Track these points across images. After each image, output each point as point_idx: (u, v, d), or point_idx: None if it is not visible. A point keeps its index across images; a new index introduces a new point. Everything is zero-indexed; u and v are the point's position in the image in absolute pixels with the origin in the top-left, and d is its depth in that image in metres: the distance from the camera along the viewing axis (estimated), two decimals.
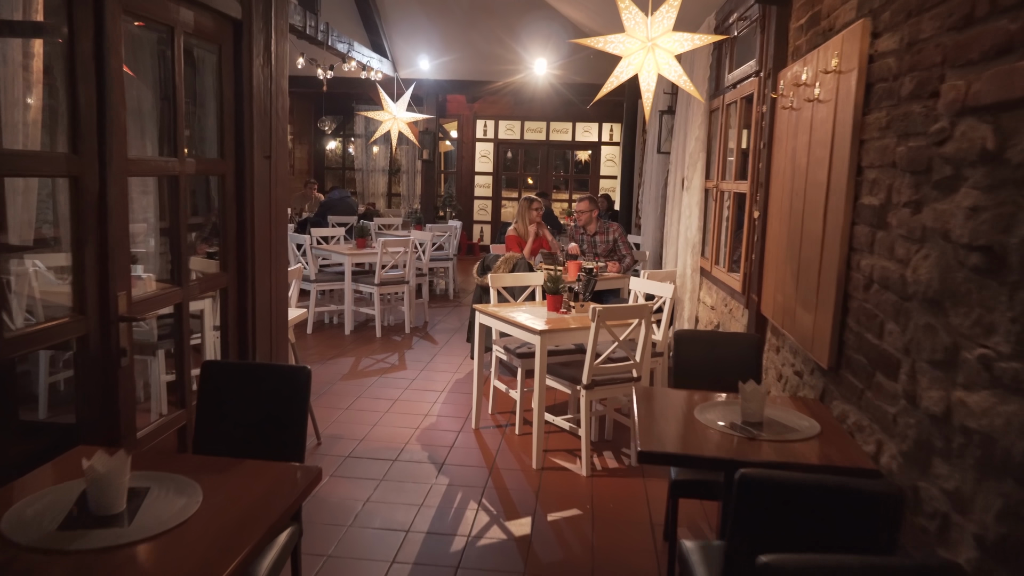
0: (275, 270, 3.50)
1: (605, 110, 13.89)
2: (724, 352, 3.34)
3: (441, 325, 7.97)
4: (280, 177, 3.51)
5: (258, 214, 3.28)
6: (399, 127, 9.93)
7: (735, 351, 3.33)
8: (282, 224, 3.58)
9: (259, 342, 3.31)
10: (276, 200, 3.48)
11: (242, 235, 3.20)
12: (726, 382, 3.20)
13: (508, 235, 6.77)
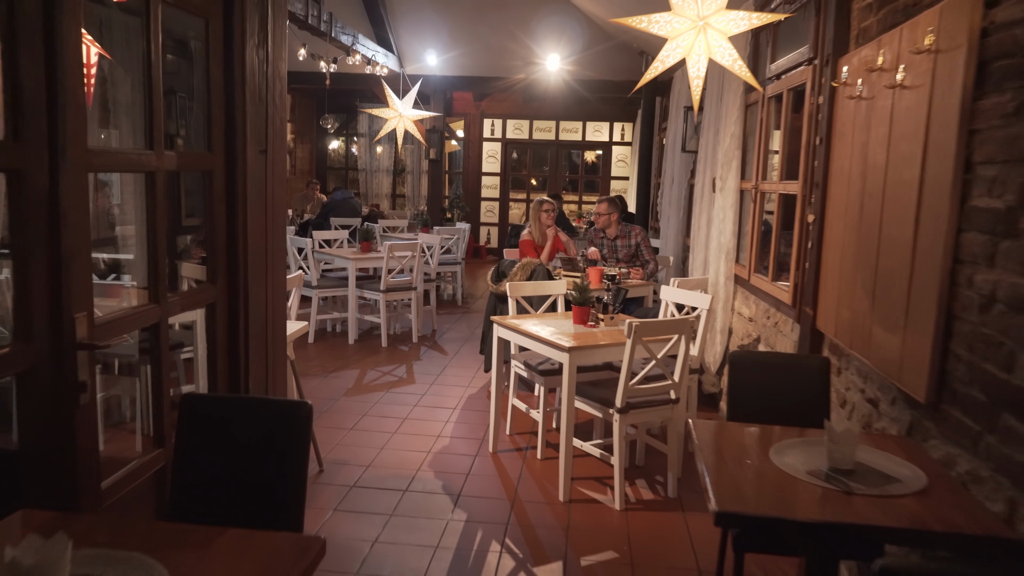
0: (272, 280, 3.07)
1: (616, 109, 13.49)
2: (784, 376, 2.91)
3: (450, 334, 7.54)
4: (278, 174, 3.09)
5: (252, 216, 2.86)
6: (405, 125, 9.51)
7: (797, 376, 2.90)
8: (280, 228, 3.15)
9: (253, 366, 2.88)
10: (273, 200, 3.05)
11: (233, 241, 2.77)
12: (788, 411, 2.78)
13: (523, 240, 6.34)
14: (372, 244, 7.27)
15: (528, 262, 5.42)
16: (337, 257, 7.04)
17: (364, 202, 13.84)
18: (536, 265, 5.39)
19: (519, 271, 5.37)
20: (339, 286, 7.01)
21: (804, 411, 2.78)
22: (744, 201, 5.08)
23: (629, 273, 5.96)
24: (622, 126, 13.74)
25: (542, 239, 6.31)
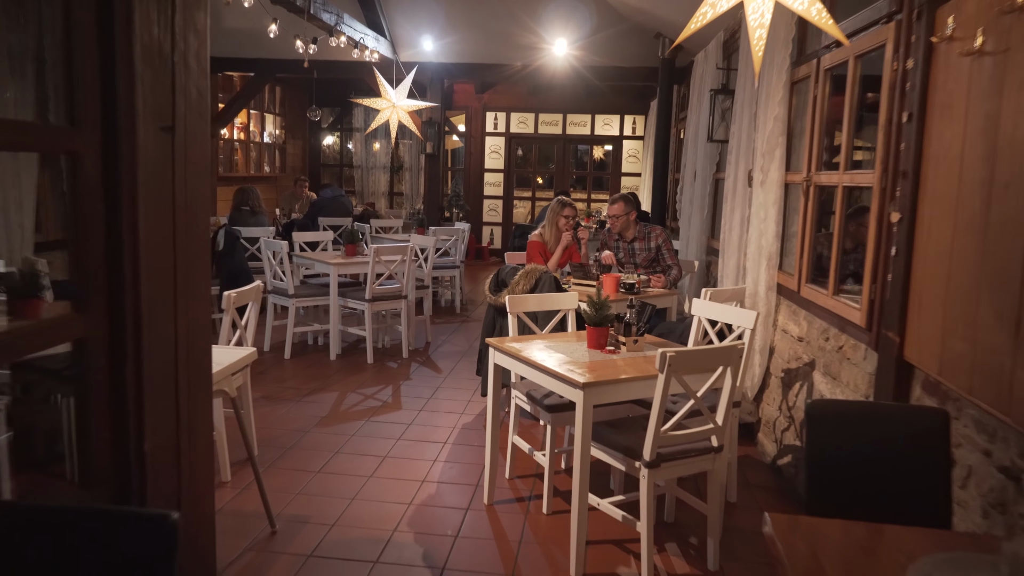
0: (186, 305, 2.27)
1: (628, 101, 12.68)
2: (883, 435, 2.10)
3: (446, 347, 6.74)
4: (194, 162, 2.28)
5: (148, 219, 2.06)
6: (399, 117, 8.73)
7: (900, 434, 2.10)
8: (198, 235, 2.34)
9: (152, 423, 2.09)
10: (187, 198, 2.25)
11: (116, 253, 1.98)
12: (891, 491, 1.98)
13: (531, 241, 5.55)
14: (358, 247, 6.48)
15: (532, 269, 4.62)
16: (318, 262, 6.25)
17: (360, 200, 13.08)
18: (542, 273, 4.59)
19: (522, 280, 4.57)
20: (321, 294, 6.22)
21: (914, 491, 1.98)
22: (790, 196, 4.27)
23: (649, 281, 5.17)
24: (633, 119, 12.93)
25: (554, 243, 5.52)
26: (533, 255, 5.51)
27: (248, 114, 10.71)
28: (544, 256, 5.50)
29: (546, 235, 5.58)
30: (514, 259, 5.88)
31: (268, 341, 6.35)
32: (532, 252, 5.53)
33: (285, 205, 10.22)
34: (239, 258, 6.55)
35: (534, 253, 5.51)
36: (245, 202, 7.50)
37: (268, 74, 9.58)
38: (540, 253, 5.50)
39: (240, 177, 10.66)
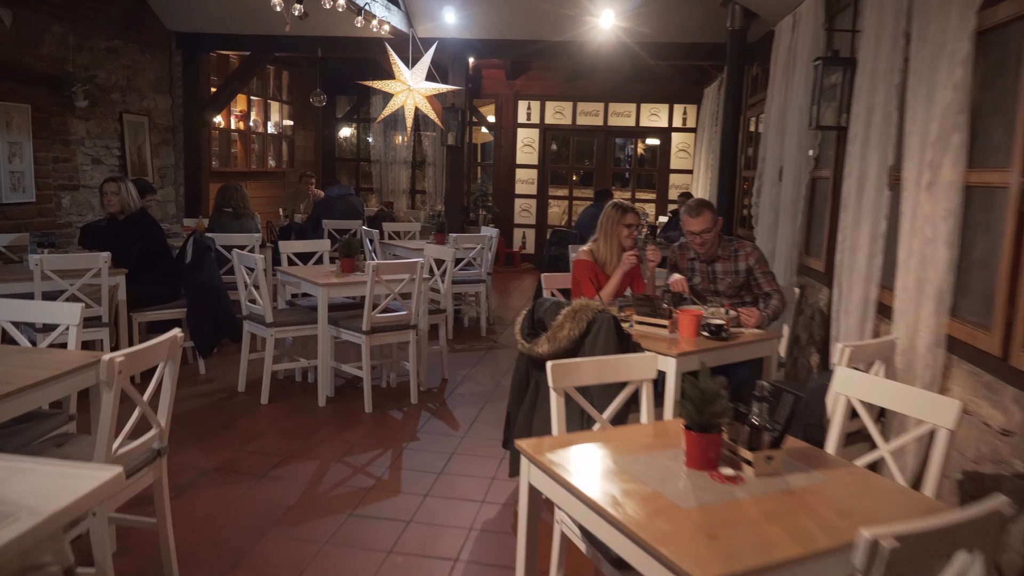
0: None
1: (678, 88, 11.25)
2: None
3: (467, 386, 5.41)
4: None
5: None
6: (415, 101, 7.42)
7: None
8: None
9: None
10: None
11: None
12: None
13: (578, 260, 4.20)
14: (357, 261, 5.17)
15: (583, 307, 3.24)
16: (303, 280, 4.94)
17: (377, 199, 11.81)
18: (596, 313, 3.21)
19: (567, 323, 3.19)
20: (308, 321, 4.92)
21: None
22: (974, 206, 2.85)
23: (739, 318, 3.78)
24: (684, 109, 11.48)
25: (610, 263, 4.16)
26: (581, 280, 4.15)
27: (249, 101, 9.48)
28: (596, 281, 4.13)
29: (599, 252, 4.22)
30: (553, 282, 4.52)
31: (243, 378, 5.07)
32: (580, 275, 4.17)
33: (288, 205, 8.97)
34: (210, 273, 5.28)
35: (582, 277, 4.14)
36: (227, 202, 6.24)
37: (265, 52, 8.32)
38: (591, 278, 4.13)
39: (238, 173, 9.43)
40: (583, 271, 4.17)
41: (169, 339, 2.59)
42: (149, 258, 5.17)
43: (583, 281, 4.14)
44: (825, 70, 4.26)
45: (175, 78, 8.20)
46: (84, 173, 6.91)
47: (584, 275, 4.15)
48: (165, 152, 8.18)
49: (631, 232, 4.17)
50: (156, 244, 5.22)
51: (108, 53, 7.16)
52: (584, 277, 4.15)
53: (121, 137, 7.36)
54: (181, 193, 8.34)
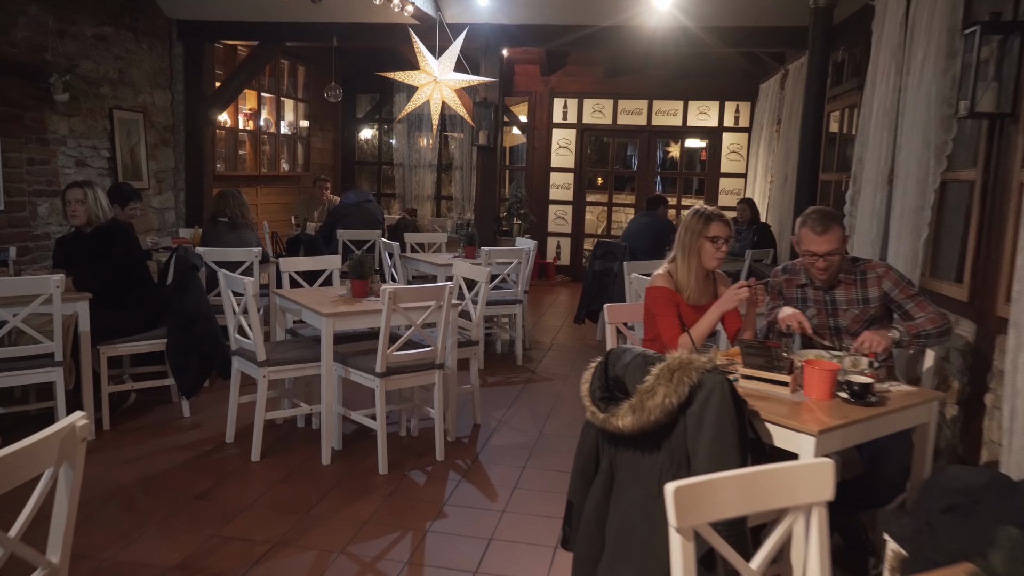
0: None
1: (729, 84, 10.23)
2: None
3: (504, 434, 4.44)
4: None
5: None
6: (443, 95, 6.49)
7: None
8: None
9: None
10: None
11: None
12: None
13: (655, 288, 3.23)
14: (371, 284, 4.23)
15: (684, 364, 2.25)
16: (304, 308, 4.00)
17: (400, 205, 10.91)
18: (703, 375, 2.23)
19: (661, 387, 2.21)
20: (310, 359, 3.98)
21: None
22: None
23: (883, 367, 2.78)
24: (736, 106, 10.44)
25: (695, 289, 3.18)
26: (658, 312, 3.17)
27: (259, 98, 8.62)
28: (681, 314, 3.15)
29: (679, 275, 3.22)
30: (619, 314, 3.53)
31: (232, 426, 4.15)
32: (656, 306, 3.18)
33: (301, 213, 8.07)
34: (196, 296, 4.37)
35: (661, 308, 3.16)
36: (222, 211, 5.34)
37: (276, 42, 7.43)
38: (670, 310, 3.14)
39: (247, 177, 8.57)
40: (661, 300, 3.18)
41: (61, 432, 1.65)
42: (122, 279, 4.28)
43: (662, 315, 3.16)
44: (983, 40, 3.23)
45: (175, 71, 7.36)
46: (66, 177, 6.06)
47: (663, 306, 3.17)
48: (163, 154, 7.33)
49: (718, 248, 3.18)
50: (130, 262, 4.32)
51: (96, 41, 6.32)
52: (663, 309, 3.16)
53: (111, 136, 6.52)
54: (182, 200, 7.49)
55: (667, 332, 3.12)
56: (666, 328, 3.13)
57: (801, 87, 7.39)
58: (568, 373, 5.92)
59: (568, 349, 6.76)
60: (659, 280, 3.22)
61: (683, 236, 3.21)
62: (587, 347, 6.86)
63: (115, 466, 3.79)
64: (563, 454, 4.15)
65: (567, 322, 7.86)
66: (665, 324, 3.14)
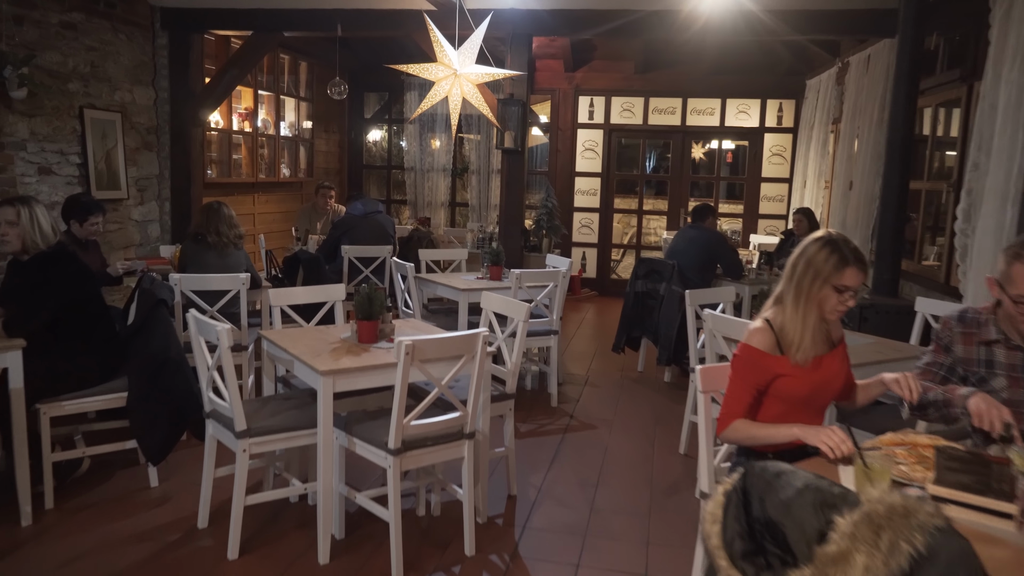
0: None
1: (771, 80, 9.32)
2: None
3: (547, 510, 3.56)
4: None
5: None
6: (463, 91, 5.63)
7: None
8: None
9: None
10: None
11: None
12: None
13: (745, 349, 2.34)
14: (382, 323, 3.35)
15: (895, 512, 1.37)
16: (298, 359, 3.12)
17: (411, 213, 10.05)
18: (931, 535, 1.35)
19: (861, 551, 1.33)
20: (300, 426, 3.10)
21: None
22: None
23: None
24: (779, 104, 9.52)
25: (801, 346, 2.29)
26: (737, 379, 2.31)
27: (256, 97, 7.75)
28: (779, 379, 2.28)
29: (787, 328, 2.31)
30: (715, 380, 2.62)
31: (206, 508, 3.28)
32: (740, 371, 2.33)
33: (302, 225, 7.21)
34: (163, 338, 3.50)
35: (743, 376, 2.32)
36: (205, 229, 4.47)
37: (273, 31, 6.56)
38: (758, 381, 2.29)
39: (242, 184, 7.72)
40: (746, 365, 2.30)
41: None
42: (71, 318, 3.41)
43: (736, 381, 2.33)
44: None
45: (159, 65, 6.51)
46: (26, 186, 5.22)
47: (744, 372, 2.31)
48: (146, 159, 6.48)
49: (844, 301, 2.28)
50: (81, 297, 3.46)
51: (63, 30, 5.47)
52: (743, 375, 2.31)
53: (82, 139, 5.67)
54: (167, 210, 6.64)
55: (729, 403, 2.31)
56: (731, 399, 2.31)
57: (866, 81, 6.51)
58: (612, 417, 5.03)
59: (607, 383, 5.87)
60: (755, 337, 2.32)
61: (802, 276, 2.30)
62: (628, 381, 5.97)
63: (52, 569, 2.92)
64: (623, 543, 3.27)
65: (601, 347, 6.97)
66: (733, 393, 2.31)
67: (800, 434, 2.19)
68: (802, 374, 2.28)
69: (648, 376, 6.13)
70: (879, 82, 6.14)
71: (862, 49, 6.78)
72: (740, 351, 2.32)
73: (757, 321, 2.35)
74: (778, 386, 2.29)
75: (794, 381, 2.28)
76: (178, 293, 4.17)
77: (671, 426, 4.88)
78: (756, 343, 2.30)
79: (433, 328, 3.72)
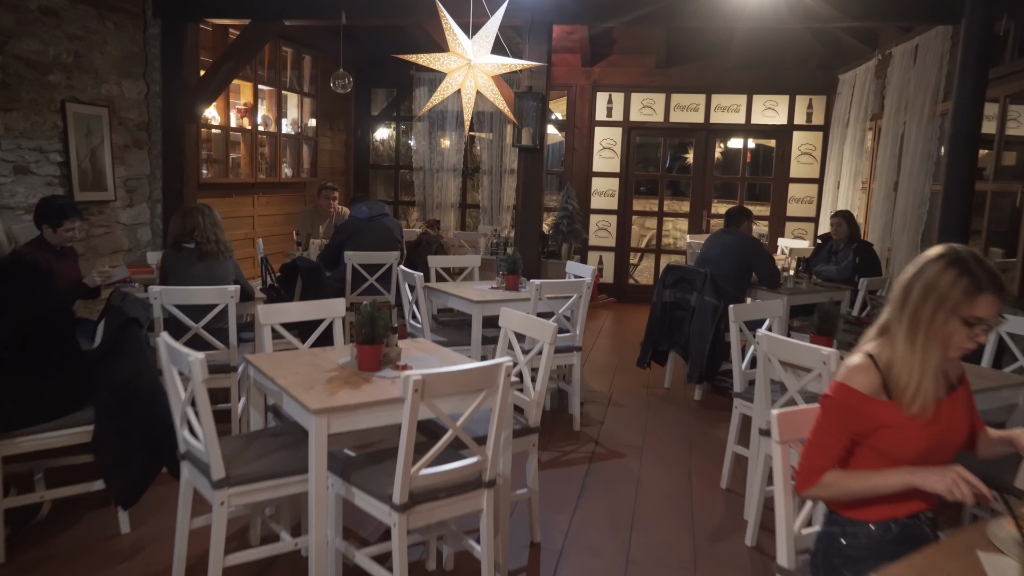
0: None
1: (801, 75, 8.81)
2: None
3: (574, 561, 3.09)
4: None
5: None
6: (477, 83, 5.17)
7: None
8: None
9: None
10: None
11: None
12: None
13: (843, 391, 1.82)
14: (387, 346, 2.88)
15: None
16: (287, 392, 2.64)
17: (419, 215, 9.59)
18: None
19: None
20: (289, 471, 2.63)
21: None
22: None
23: None
24: (808, 101, 9.00)
25: (915, 390, 1.78)
26: (826, 427, 1.82)
27: (256, 92, 7.29)
28: (883, 431, 1.79)
29: (899, 368, 1.79)
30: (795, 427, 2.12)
31: (182, 563, 2.80)
32: (830, 417, 1.82)
33: (303, 228, 6.76)
34: (136, 363, 3.04)
35: (834, 425, 1.82)
36: (188, 236, 4.00)
37: (273, 19, 6.08)
38: (852, 430, 1.80)
39: (241, 185, 7.26)
40: (841, 411, 1.82)
41: None
42: (26, 341, 2.95)
43: (825, 430, 1.85)
44: None
45: (150, 57, 6.05)
46: (1, 187, 4.77)
47: (837, 419, 1.82)
48: (135, 158, 6.03)
49: (975, 335, 1.78)
50: (42, 312, 3.00)
51: (43, 16, 5.02)
52: (834, 423, 1.83)
53: (64, 136, 5.22)
54: (158, 213, 6.19)
55: (814, 454, 1.84)
56: (818, 450, 1.84)
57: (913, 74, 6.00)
58: (641, 443, 4.55)
59: (632, 402, 5.38)
60: (857, 377, 1.82)
61: (919, 304, 1.79)
62: (655, 399, 5.48)
63: None
64: None
65: (623, 359, 6.48)
66: (821, 443, 1.83)
67: (916, 480, 1.73)
68: (915, 426, 1.79)
69: (676, 393, 5.64)
70: (931, 74, 5.63)
71: (907, 39, 6.27)
72: (835, 392, 1.83)
73: (856, 356, 1.86)
74: (882, 439, 1.80)
75: (905, 434, 1.79)
76: (158, 308, 3.70)
77: (708, 453, 4.40)
78: (858, 384, 1.80)
79: (444, 351, 3.24)
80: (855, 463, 1.84)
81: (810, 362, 2.94)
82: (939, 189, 5.63)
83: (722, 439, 4.63)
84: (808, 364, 2.97)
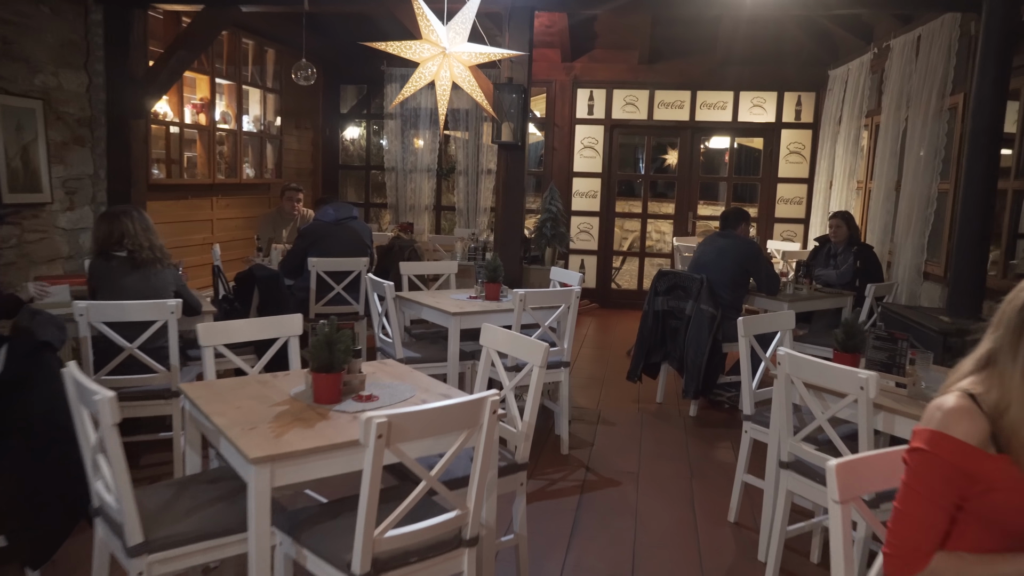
0: None
1: (790, 71, 8.49)
2: None
3: None
4: None
5: None
6: (452, 73, 4.72)
7: None
8: None
9: None
10: None
11: None
12: None
13: (940, 440, 1.36)
14: (348, 373, 2.41)
15: None
16: (224, 437, 2.17)
17: (392, 218, 9.12)
18: None
19: None
20: (227, 531, 2.16)
21: None
22: None
23: None
24: (797, 98, 8.68)
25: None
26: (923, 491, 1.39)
27: (214, 86, 6.76)
28: (992, 492, 1.35)
29: (1012, 410, 1.39)
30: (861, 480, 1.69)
31: None
32: (927, 476, 1.40)
33: (265, 233, 6.25)
34: (47, 398, 2.54)
35: (932, 485, 1.40)
36: (118, 243, 3.50)
37: (228, 4, 5.57)
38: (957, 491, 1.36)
39: (197, 186, 6.73)
40: (941, 468, 1.39)
41: None
42: None
43: (923, 495, 1.41)
44: None
45: (93, 45, 5.52)
46: None
47: (936, 478, 1.39)
48: (77, 156, 5.49)
49: None
50: None
51: None
52: (932, 483, 1.40)
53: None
54: None
55: (912, 529, 1.40)
56: (916, 522, 1.40)
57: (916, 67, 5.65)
58: (636, 468, 4.12)
59: (623, 419, 4.96)
60: (959, 423, 1.40)
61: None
62: (647, 416, 5.06)
63: None
64: None
65: (610, 372, 6.07)
66: (918, 513, 1.40)
67: None
68: None
69: (670, 409, 5.23)
70: (936, 66, 5.29)
71: (907, 31, 5.93)
72: (932, 444, 1.40)
73: (952, 396, 1.44)
74: (990, 505, 1.38)
75: (1021, 498, 1.37)
76: (84, 326, 3.20)
77: (711, 480, 3.98)
78: (961, 434, 1.38)
79: (416, 375, 2.78)
80: (955, 537, 1.42)
81: (845, 387, 2.52)
82: (948, 188, 5.29)
83: (724, 462, 4.23)
84: (841, 389, 2.55)
